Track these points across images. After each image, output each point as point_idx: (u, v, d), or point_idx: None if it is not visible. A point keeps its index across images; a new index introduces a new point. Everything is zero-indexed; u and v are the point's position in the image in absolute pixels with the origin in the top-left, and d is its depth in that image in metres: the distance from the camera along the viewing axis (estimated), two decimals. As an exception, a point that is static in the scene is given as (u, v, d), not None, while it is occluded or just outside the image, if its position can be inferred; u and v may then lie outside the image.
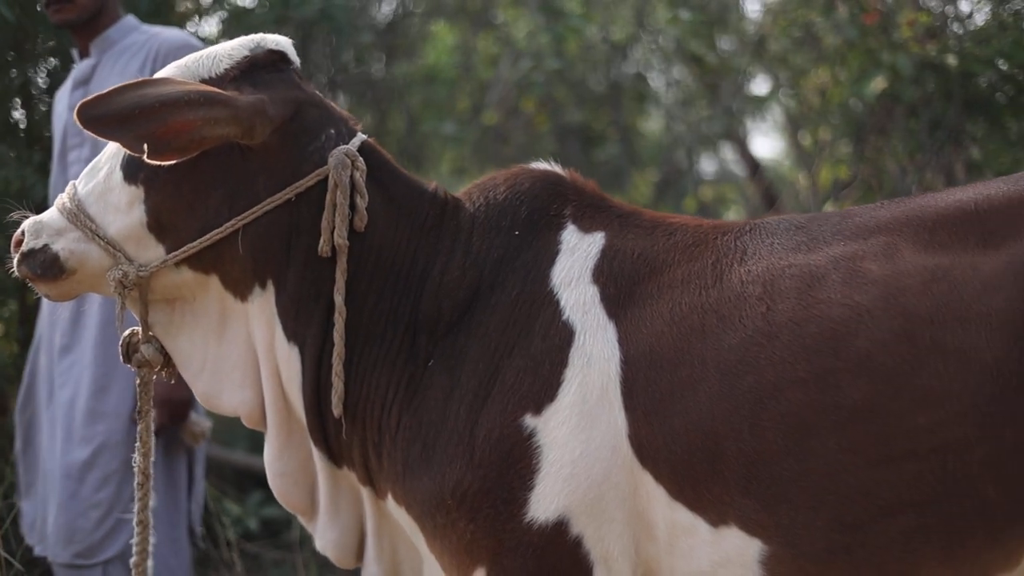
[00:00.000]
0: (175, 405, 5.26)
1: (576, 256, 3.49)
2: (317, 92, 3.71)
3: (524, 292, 3.46)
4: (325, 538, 3.65)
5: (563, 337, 3.39)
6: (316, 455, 3.59)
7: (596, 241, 3.51)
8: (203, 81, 3.54)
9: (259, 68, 3.59)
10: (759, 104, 13.88)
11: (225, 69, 3.57)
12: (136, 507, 3.83)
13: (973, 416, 3.17)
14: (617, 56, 11.64)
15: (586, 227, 3.55)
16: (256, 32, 3.75)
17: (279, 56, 3.63)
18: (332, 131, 3.59)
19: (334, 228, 3.49)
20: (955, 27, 11.79)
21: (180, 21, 7.94)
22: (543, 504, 3.31)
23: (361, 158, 3.55)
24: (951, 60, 10.22)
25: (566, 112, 11.33)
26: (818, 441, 3.21)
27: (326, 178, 3.52)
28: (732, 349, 3.29)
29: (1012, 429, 3.17)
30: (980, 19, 11.63)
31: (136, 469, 3.79)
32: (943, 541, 3.21)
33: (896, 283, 3.27)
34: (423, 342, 3.50)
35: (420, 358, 3.49)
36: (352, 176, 3.51)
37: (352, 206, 3.52)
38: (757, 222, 3.54)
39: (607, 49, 11.13)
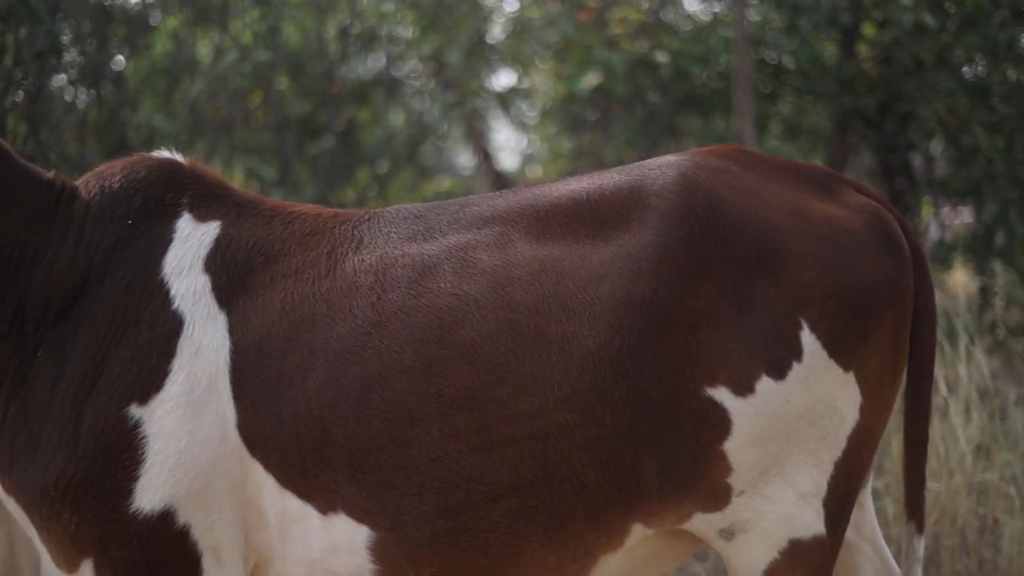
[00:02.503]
0: None
1: (189, 245, 3.47)
2: None
3: (134, 281, 3.42)
4: None
5: (171, 327, 3.37)
6: None
7: (210, 230, 3.50)
8: None
9: None
10: (502, 100, 14.04)
11: None
12: None
13: (573, 402, 3.26)
14: (342, 49, 11.61)
15: (202, 216, 3.52)
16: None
17: None
18: None
19: None
20: (678, 23, 12.09)
21: None
22: (148, 494, 3.29)
23: None
24: (661, 57, 10.47)
25: (290, 105, 11.26)
26: (422, 429, 3.26)
27: None
28: (341, 338, 3.32)
29: (612, 414, 3.27)
30: (705, 16, 11.94)
31: None
32: (545, 524, 3.29)
33: (505, 273, 3.34)
34: (31, 332, 3.44)
35: (28, 348, 3.43)
36: None
37: None
38: (376, 211, 3.57)
39: (325, 42, 11.09)
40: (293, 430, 3.29)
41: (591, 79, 10.30)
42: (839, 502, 3.43)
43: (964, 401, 6.29)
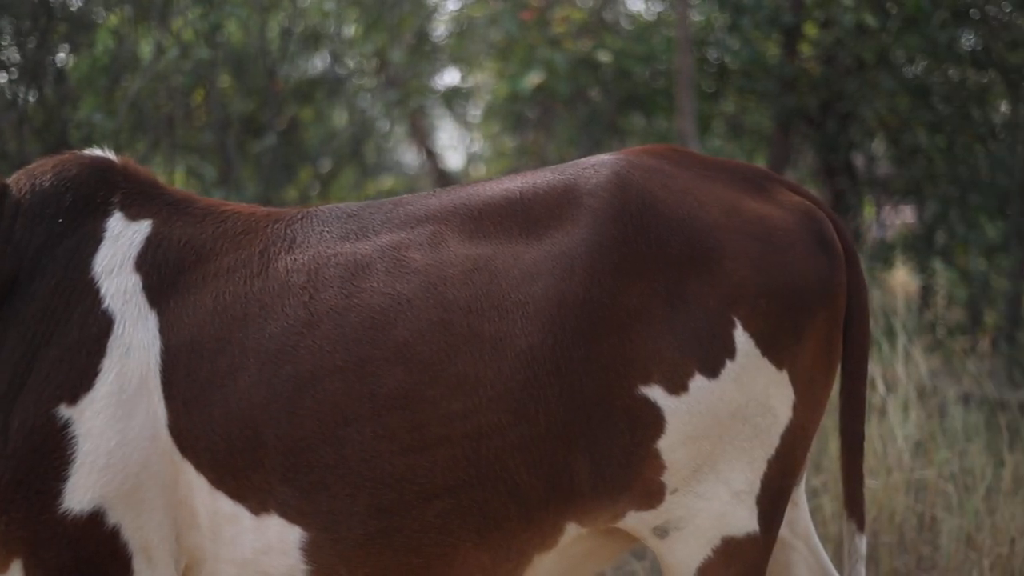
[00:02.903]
0: None
1: (120, 244, 3.44)
2: None
3: (64, 280, 3.39)
4: None
5: (101, 326, 3.34)
6: None
7: (142, 229, 3.47)
8: None
9: None
10: (446, 98, 14.02)
11: None
12: None
13: (506, 401, 3.25)
14: (285, 47, 11.56)
15: (133, 215, 3.50)
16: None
17: None
18: None
19: None
20: (620, 22, 12.11)
21: None
22: (78, 495, 3.27)
23: None
24: (604, 57, 10.49)
25: (232, 103, 11.20)
26: (355, 429, 3.24)
27: None
28: (273, 338, 3.30)
29: (544, 414, 3.26)
30: (648, 16, 11.97)
31: None
32: (478, 524, 3.28)
33: (438, 272, 3.33)
34: None
35: None
36: None
37: None
38: (310, 210, 3.56)
39: (268, 40, 11.03)
40: (225, 430, 3.27)
41: (534, 78, 10.31)
42: (773, 500, 3.44)
43: (902, 399, 6.34)
